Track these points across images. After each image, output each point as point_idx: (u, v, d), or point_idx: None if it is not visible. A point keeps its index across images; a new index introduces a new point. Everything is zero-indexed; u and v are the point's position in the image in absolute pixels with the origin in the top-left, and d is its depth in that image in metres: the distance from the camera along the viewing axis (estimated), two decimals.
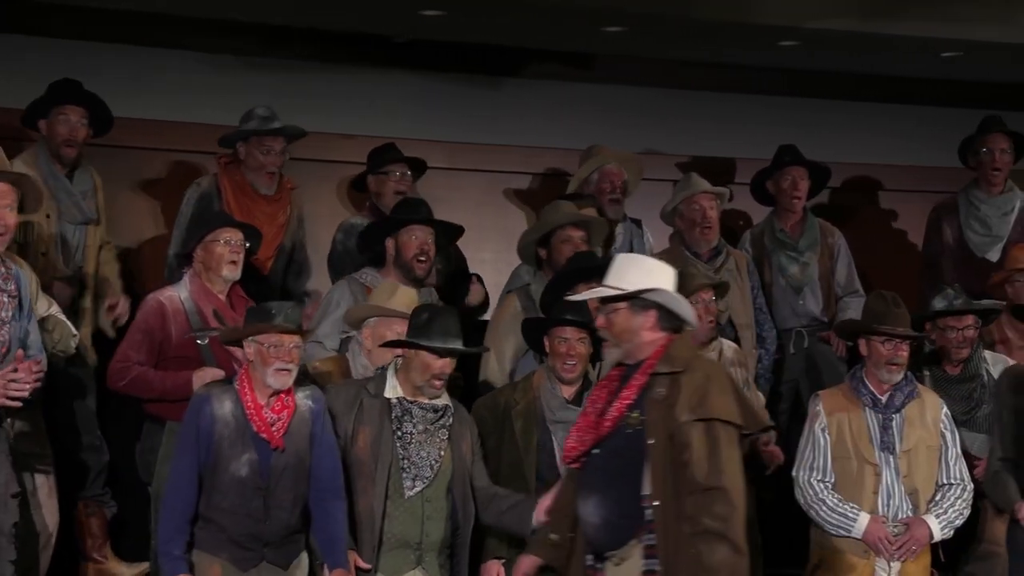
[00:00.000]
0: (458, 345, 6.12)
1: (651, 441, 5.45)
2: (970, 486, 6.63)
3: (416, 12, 7.84)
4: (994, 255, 8.30)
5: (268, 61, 8.28)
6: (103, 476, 7.08)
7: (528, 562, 5.88)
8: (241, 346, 5.96)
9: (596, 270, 6.95)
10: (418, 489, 6.08)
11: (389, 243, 7.10)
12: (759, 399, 7.60)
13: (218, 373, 6.33)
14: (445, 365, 6.12)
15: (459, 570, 6.20)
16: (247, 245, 6.75)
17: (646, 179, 8.48)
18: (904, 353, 6.60)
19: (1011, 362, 7.22)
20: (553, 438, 6.38)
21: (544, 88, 8.87)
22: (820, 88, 9.29)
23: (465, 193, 8.58)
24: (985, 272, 8.11)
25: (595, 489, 5.55)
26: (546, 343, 6.51)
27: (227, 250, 6.66)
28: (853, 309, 7.87)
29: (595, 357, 6.53)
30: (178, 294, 6.66)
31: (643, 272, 5.59)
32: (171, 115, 7.93)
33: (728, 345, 7.22)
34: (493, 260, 8.23)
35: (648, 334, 5.56)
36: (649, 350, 5.57)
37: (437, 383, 6.12)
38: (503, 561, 6.31)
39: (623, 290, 5.56)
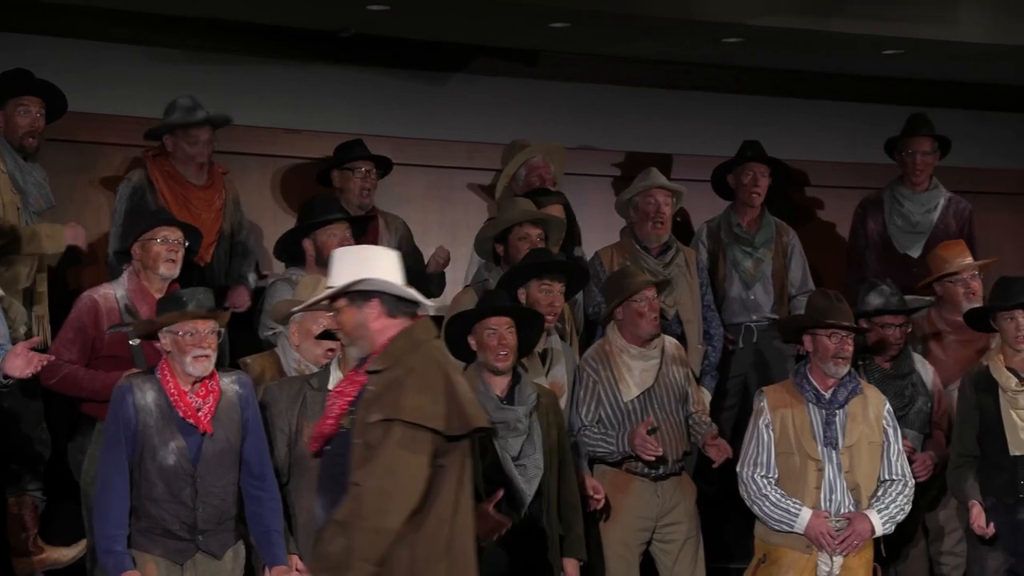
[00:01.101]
0: None
1: (356, 442, 5.12)
2: (911, 482, 6.71)
3: (362, 7, 7.82)
4: (916, 251, 8.39)
5: (212, 56, 8.23)
6: (41, 470, 7.02)
7: None
8: (158, 339, 5.93)
9: (551, 266, 7.01)
10: None
11: (307, 244, 7.14)
12: (705, 396, 7.66)
13: None
14: None
15: None
16: (187, 244, 6.72)
17: (590, 175, 8.51)
18: (849, 347, 6.68)
19: (926, 361, 7.33)
20: (494, 441, 6.40)
21: (489, 84, 8.86)
22: (764, 85, 9.34)
23: (409, 188, 8.56)
24: (907, 267, 8.22)
25: (319, 490, 5.36)
26: (472, 341, 6.51)
27: (164, 248, 6.64)
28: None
29: None
30: (114, 292, 6.63)
31: (357, 263, 5.28)
32: (116, 109, 7.87)
33: (670, 341, 7.25)
34: None
35: (376, 324, 5.19)
36: (382, 340, 5.21)
37: None
38: None
39: (335, 287, 5.31)
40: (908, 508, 6.69)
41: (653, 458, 6.87)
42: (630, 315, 7.05)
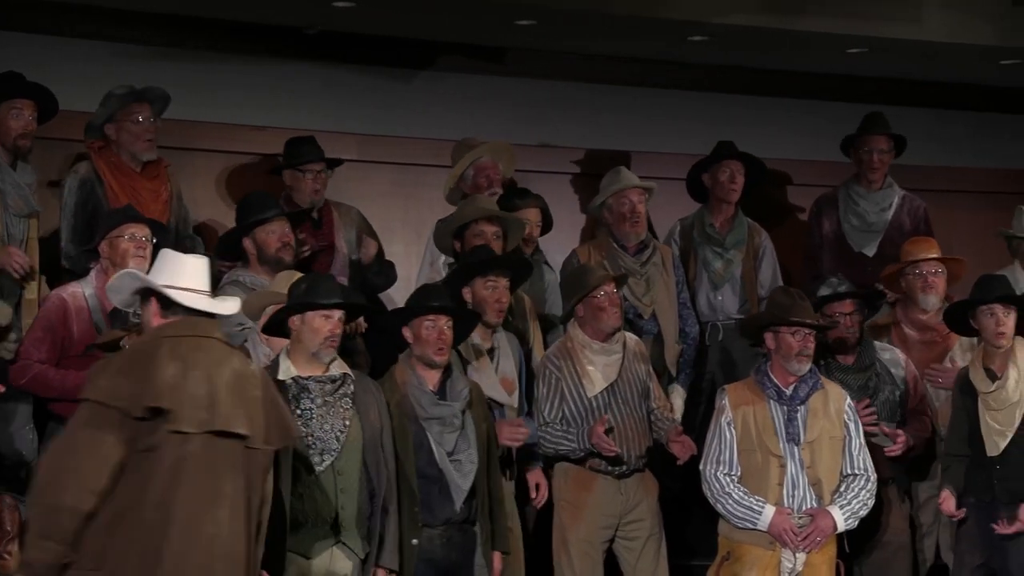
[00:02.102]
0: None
1: None
2: (874, 476, 6.74)
3: (327, 4, 7.81)
4: (871, 250, 8.44)
5: (176, 52, 8.19)
6: (24, 473, 6.98)
7: None
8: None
9: (493, 262, 7.02)
10: (328, 463, 6.09)
11: (247, 243, 7.11)
12: (679, 394, 7.69)
13: None
14: (335, 326, 6.16)
15: (376, 541, 6.21)
16: (154, 241, 6.70)
17: (557, 172, 8.52)
18: (812, 345, 6.72)
19: (897, 350, 7.34)
20: (428, 434, 6.42)
21: (455, 81, 8.86)
22: (729, 83, 9.36)
23: (374, 185, 8.54)
24: (862, 266, 8.25)
25: None
26: (407, 333, 6.52)
27: (132, 245, 6.64)
28: None
29: None
30: (82, 290, 6.62)
31: (161, 265, 5.35)
32: (76, 106, 7.82)
33: (631, 337, 7.28)
34: (403, 253, 8.22)
35: (154, 320, 5.27)
36: None
37: (333, 343, 6.15)
38: None
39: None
40: (871, 503, 6.72)
41: (612, 455, 6.89)
42: (591, 310, 7.07)
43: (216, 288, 7.10)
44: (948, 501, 6.93)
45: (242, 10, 7.99)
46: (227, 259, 7.28)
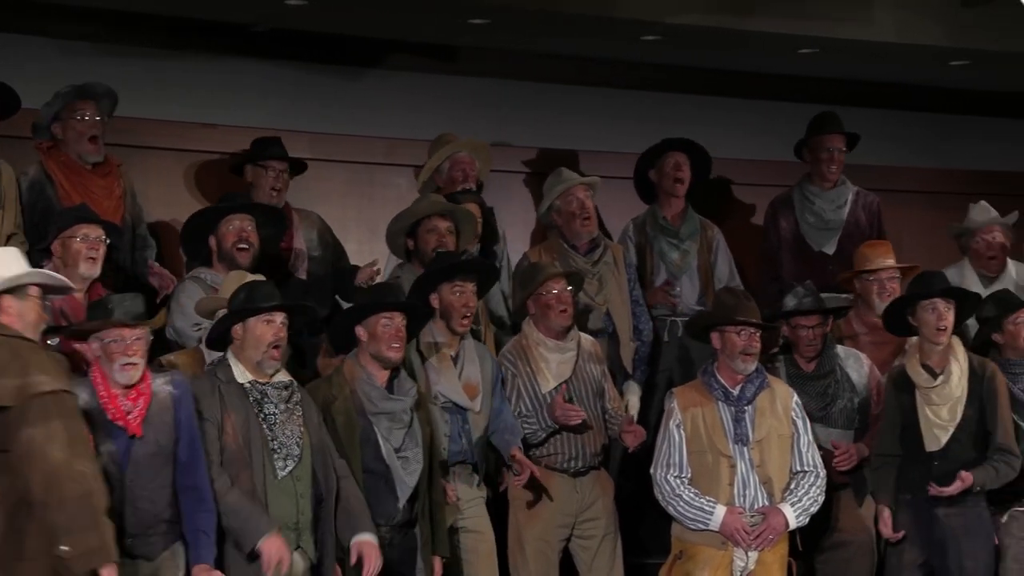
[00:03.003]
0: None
1: None
2: (823, 473, 6.77)
3: (279, 1, 7.77)
4: (830, 248, 8.48)
5: (126, 49, 8.15)
6: None
7: None
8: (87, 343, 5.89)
9: (460, 266, 7.01)
10: (289, 468, 6.10)
11: (211, 239, 7.05)
12: (634, 391, 7.69)
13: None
14: (278, 330, 6.15)
15: (326, 544, 6.20)
16: (107, 241, 6.64)
17: (510, 171, 8.51)
18: (757, 343, 6.74)
19: (862, 356, 7.37)
20: (376, 429, 6.42)
21: (408, 79, 8.84)
22: (682, 83, 9.38)
23: (328, 184, 8.51)
24: (822, 264, 8.30)
25: None
26: (361, 331, 6.50)
27: (85, 246, 6.59)
28: None
29: None
30: None
31: None
32: (25, 103, 7.75)
33: (586, 338, 7.29)
34: (356, 252, 8.16)
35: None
36: None
37: (275, 352, 6.13)
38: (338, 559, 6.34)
39: None
40: (821, 499, 6.74)
41: (579, 420, 6.89)
42: (540, 308, 7.09)
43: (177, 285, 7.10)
44: (887, 522, 6.93)
45: (193, 7, 7.94)
46: (197, 258, 7.18)
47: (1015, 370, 7.16)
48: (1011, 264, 8.08)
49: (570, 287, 7.15)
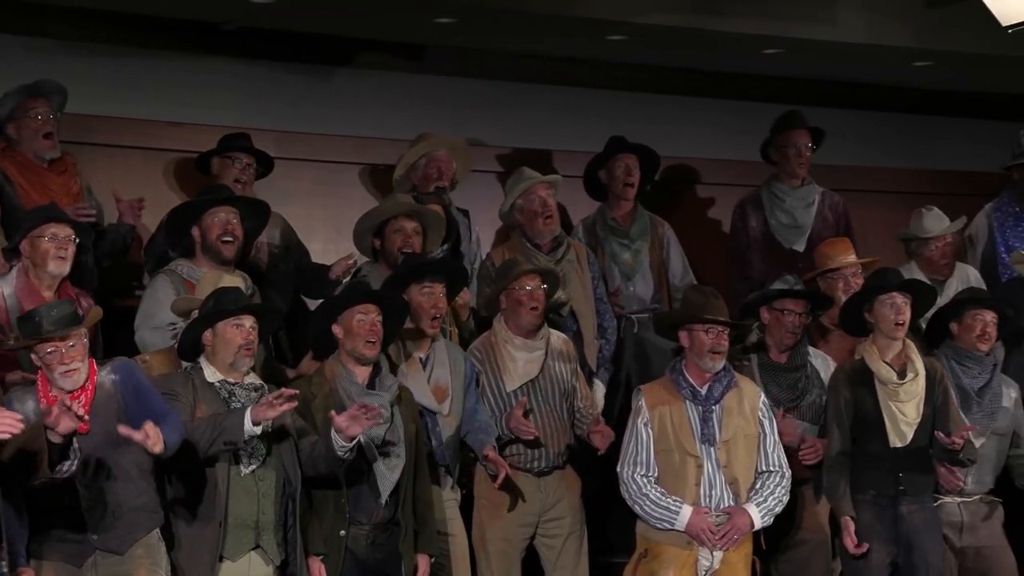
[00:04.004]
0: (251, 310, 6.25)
1: None
2: (788, 473, 6.78)
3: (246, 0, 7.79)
4: (800, 245, 8.54)
5: (92, 46, 8.13)
6: None
7: None
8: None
9: (428, 267, 7.02)
10: (253, 467, 6.13)
11: (195, 230, 7.04)
12: (599, 389, 7.71)
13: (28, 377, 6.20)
14: (247, 334, 6.19)
15: (293, 547, 6.22)
16: (76, 240, 6.65)
17: (476, 170, 8.52)
18: (725, 342, 6.74)
19: (828, 357, 7.42)
20: None
21: (375, 78, 8.85)
22: (648, 82, 9.41)
23: (295, 183, 8.50)
24: (793, 263, 8.32)
25: None
26: (337, 330, 6.52)
27: (53, 246, 6.57)
28: None
29: None
30: (1, 290, 6.54)
31: None
32: None
33: (556, 336, 7.30)
34: (323, 250, 8.17)
35: None
36: None
37: (246, 352, 6.17)
38: (322, 557, 6.38)
39: None
40: (786, 499, 6.76)
41: (531, 437, 6.91)
42: (511, 303, 7.11)
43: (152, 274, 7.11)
44: (852, 534, 6.91)
45: (160, 5, 7.93)
46: (177, 249, 7.15)
47: (965, 362, 7.25)
48: (958, 267, 8.15)
49: (544, 286, 7.16)
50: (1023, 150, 8.54)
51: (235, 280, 6.67)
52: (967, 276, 8.10)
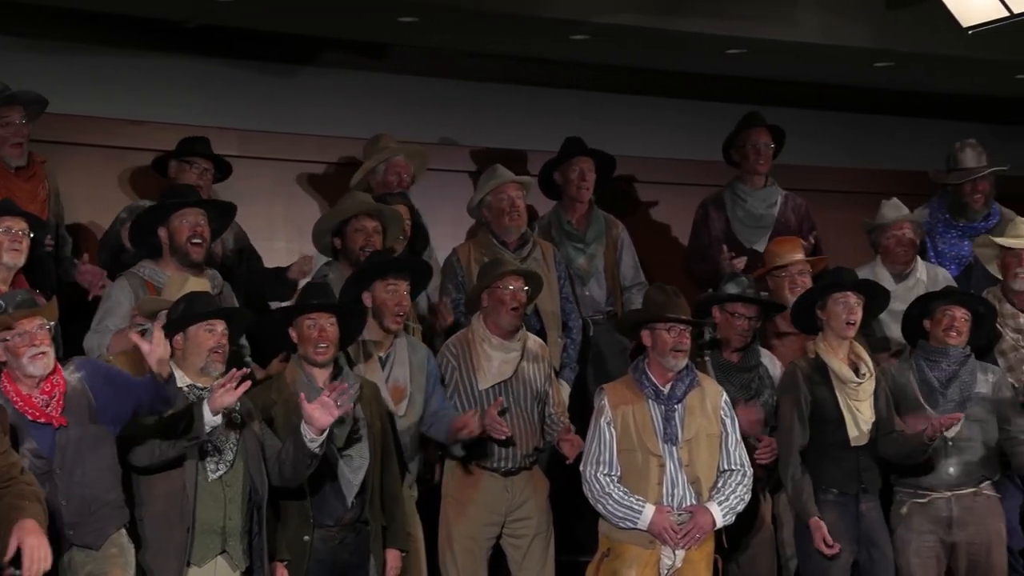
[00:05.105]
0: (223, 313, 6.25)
1: None
2: (750, 471, 6.81)
3: None
4: (761, 245, 8.52)
5: (54, 44, 8.09)
6: None
7: None
8: None
9: (393, 264, 7.01)
10: (221, 472, 6.11)
11: (162, 232, 6.98)
12: (564, 389, 7.71)
13: None
14: (219, 337, 6.19)
15: (258, 554, 6.21)
16: (31, 235, 6.61)
17: (440, 170, 8.51)
18: (687, 340, 6.76)
19: (775, 358, 7.44)
20: None
21: (338, 77, 8.84)
22: (611, 82, 9.43)
23: (258, 182, 8.49)
24: (753, 262, 8.33)
25: None
26: (293, 334, 6.52)
27: (7, 239, 6.56)
28: (640, 301, 8.00)
29: None
30: None
31: None
32: None
33: (533, 340, 7.29)
34: (285, 250, 8.18)
35: None
36: None
37: (218, 355, 6.17)
38: (286, 563, 6.37)
39: None
40: (747, 498, 6.78)
41: (503, 437, 6.90)
42: (493, 302, 7.09)
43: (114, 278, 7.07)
44: (825, 535, 6.92)
45: (122, 3, 7.90)
46: (141, 249, 7.09)
47: (933, 357, 7.27)
48: (922, 264, 8.19)
49: (527, 288, 7.15)
50: (958, 166, 8.59)
51: (202, 282, 6.64)
52: (936, 277, 8.12)
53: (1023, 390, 7.49)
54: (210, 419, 5.96)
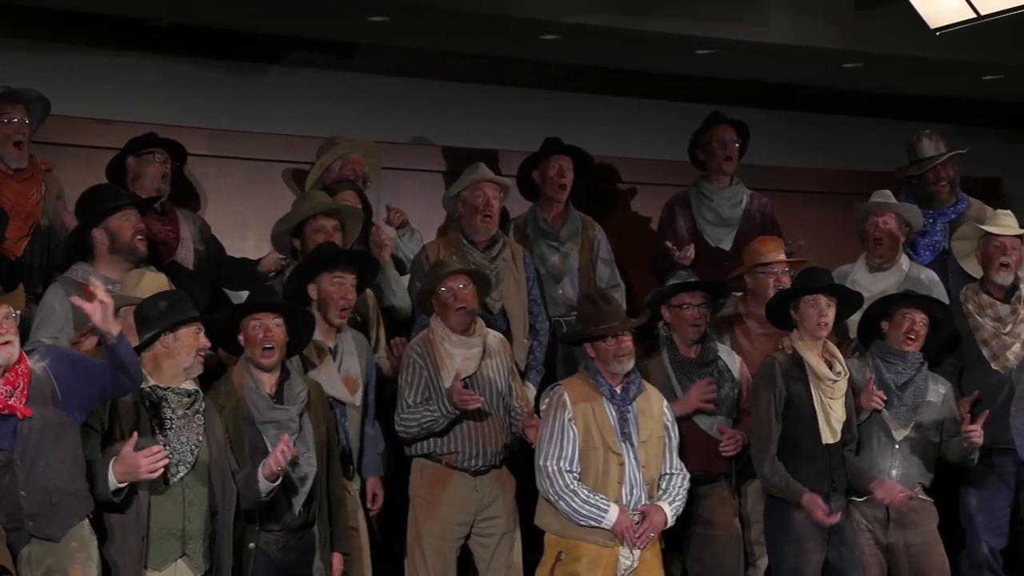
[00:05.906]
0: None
1: None
2: (687, 474, 6.84)
3: None
4: (727, 244, 8.59)
5: (21, 43, 8.07)
6: None
7: None
8: None
9: (339, 257, 6.99)
10: (181, 475, 6.06)
11: (97, 234, 6.92)
12: (530, 390, 7.71)
13: None
14: (203, 338, 6.18)
15: (221, 557, 6.16)
16: None
17: (410, 169, 8.50)
18: (628, 343, 6.75)
19: (733, 352, 7.47)
20: (264, 437, 6.39)
21: (307, 76, 8.83)
22: (581, 82, 9.44)
23: (226, 181, 8.47)
24: (719, 261, 8.39)
25: None
26: (241, 336, 6.49)
27: None
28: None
29: None
30: None
31: None
32: None
33: (493, 335, 7.29)
34: (255, 249, 8.12)
35: None
36: None
37: (201, 357, 6.16)
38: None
39: None
40: (686, 499, 6.82)
41: (477, 406, 6.89)
42: (439, 305, 7.11)
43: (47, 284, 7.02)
44: (821, 506, 6.92)
45: (89, 1, 7.87)
46: (76, 258, 7.03)
47: (890, 359, 7.31)
48: (905, 260, 8.20)
49: (472, 285, 7.14)
50: (918, 157, 8.63)
51: (157, 278, 6.58)
52: (918, 277, 8.13)
53: (1010, 376, 7.61)
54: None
